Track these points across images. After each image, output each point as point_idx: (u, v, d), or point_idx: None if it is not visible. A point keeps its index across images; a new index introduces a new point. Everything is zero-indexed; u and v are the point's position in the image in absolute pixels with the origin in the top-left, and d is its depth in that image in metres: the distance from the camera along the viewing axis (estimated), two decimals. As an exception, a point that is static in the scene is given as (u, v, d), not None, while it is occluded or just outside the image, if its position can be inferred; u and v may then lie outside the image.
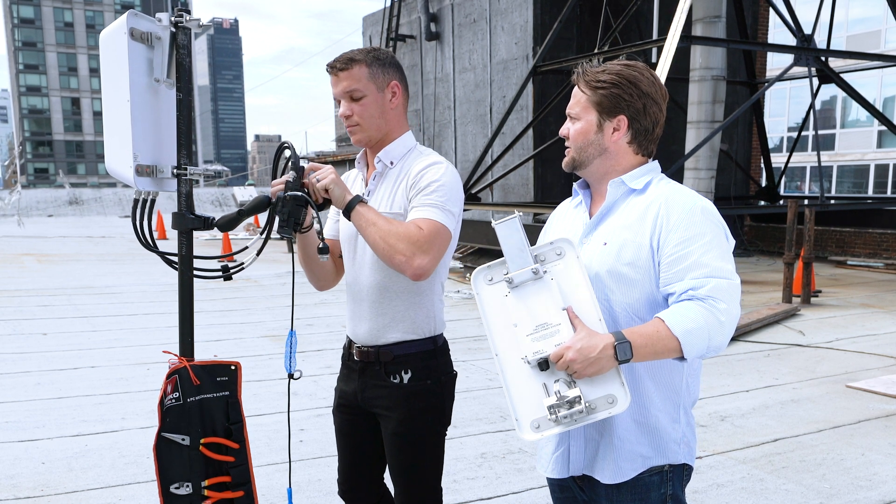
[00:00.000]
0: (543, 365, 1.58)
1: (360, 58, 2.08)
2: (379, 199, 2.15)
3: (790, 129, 31.73)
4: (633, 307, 1.66)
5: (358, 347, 2.23)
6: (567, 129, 1.79)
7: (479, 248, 14.27)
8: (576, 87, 1.77)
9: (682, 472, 1.76)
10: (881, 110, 24.03)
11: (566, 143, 1.80)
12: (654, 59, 13.74)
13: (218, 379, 2.05)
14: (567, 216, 1.88)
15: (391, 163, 2.15)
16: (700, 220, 1.63)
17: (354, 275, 2.21)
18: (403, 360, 2.16)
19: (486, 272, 1.71)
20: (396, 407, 2.16)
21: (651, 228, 1.65)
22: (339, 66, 2.09)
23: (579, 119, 1.75)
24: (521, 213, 1.74)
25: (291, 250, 2.14)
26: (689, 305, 1.55)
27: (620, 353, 1.51)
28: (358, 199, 1.99)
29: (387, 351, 2.16)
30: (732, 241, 1.69)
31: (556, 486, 1.89)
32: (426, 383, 2.18)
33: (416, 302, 2.16)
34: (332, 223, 2.32)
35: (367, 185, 2.21)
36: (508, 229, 1.68)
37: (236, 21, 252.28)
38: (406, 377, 2.15)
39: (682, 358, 1.55)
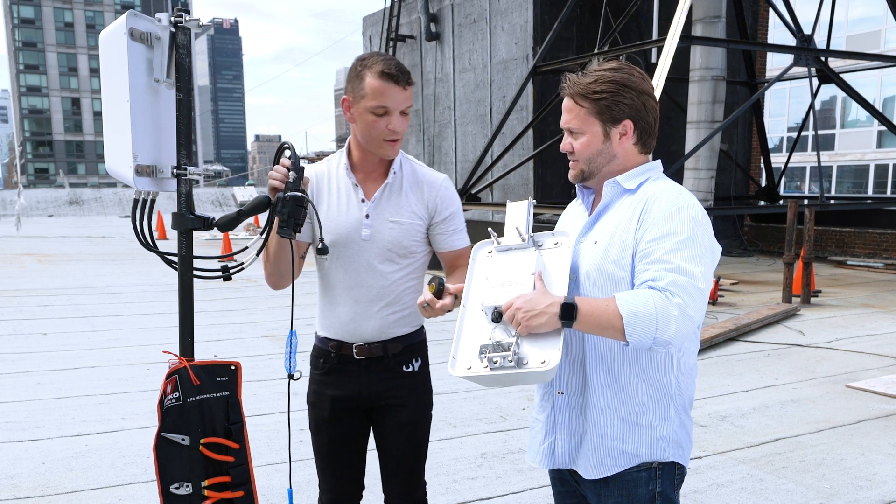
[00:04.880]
0: (496, 317, 1.61)
1: None
2: (390, 208, 2.19)
3: (790, 129, 31.74)
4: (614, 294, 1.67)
5: (359, 346, 2.22)
6: (570, 143, 1.76)
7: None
8: (567, 100, 1.74)
9: (672, 472, 1.75)
10: (881, 110, 24.03)
11: (570, 156, 1.78)
12: (654, 59, 13.74)
13: (218, 379, 2.04)
14: (572, 216, 1.90)
15: (395, 172, 2.21)
16: (678, 219, 1.61)
17: (356, 277, 2.19)
18: (411, 349, 2.26)
19: (486, 244, 1.81)
20: (411, 395, 2.25)
21: (635, 226, 1.65)
22: (409, 80, 2.11)
23: (582, 133, 1.73)
24: (534, 202, 1.82)
25: (292, 249, 2.14)
26: (644, 292, 1.54)
27: (564, 312, 1.52)
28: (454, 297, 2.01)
29: (395, 344, 2.23)
30: (717, 252, 1.66)
31: (557, 479, 1.92)
32: (427, 370, 2.33)
33: (418, 296, 2.22)
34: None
35: (367, 194, 2.19)
36: (517, 209, 1.78)
37: (236, 21, 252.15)
38: (417, 365, 2.26)
39: (626, 342, 1.53)
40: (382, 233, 2.17)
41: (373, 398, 2.24)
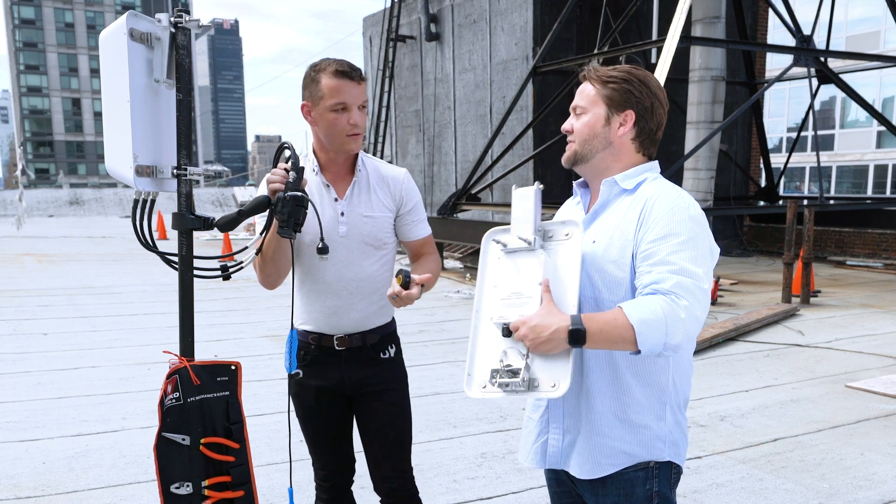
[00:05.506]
0: (506, 332, 1.61)
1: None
2: (363, 204, 2.29)
3: (790, 130, 31.74)
4: (620, 303, 1.66)
5: (339, 337, 2.30)
6: (571, 123, 1.80)
7: (479, 248, 14.26)
8: (584, 84, 1.79)
9: (669, 471, 1.76)
10: (880, 111, 24.04)
11: (568, 138, 1.80)
12: (653, 60, 13.74)
13: (218, 379, 2.05)
14: (569, 214, 1.90)
15: (360, 169, 2.32)
16: (679, 220, 1.63)
17: (336, 273, 2.27)
18: (387, 338, 2.37)
19: (497, 234, 1.77)
20: (392, 379, 2.37)
21: (635, 226, 1.66)
22: (360, 76, 2.20)
23: (586, 112, 1.77)
24: (541, 187, 1.77)
25: (292, 249, 2.14)
26: (650, 298, 1.55)
27: (572, 338, 1.53)
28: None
29: (372, 334, 2.33)
30: (716, 252, 1.68)
31: (553, 480, 1.92)
32: (401, 355, 2.46)
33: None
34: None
35: (339, 193, 2.29)
36: (522, 196, 1.73)
37: (236, 22, 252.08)
38: (392, 351, 2.38)
39: (637, 351, 1.54)
40: (358, 227, 2.27)
41: (355, 386, 2.33)
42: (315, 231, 2.21)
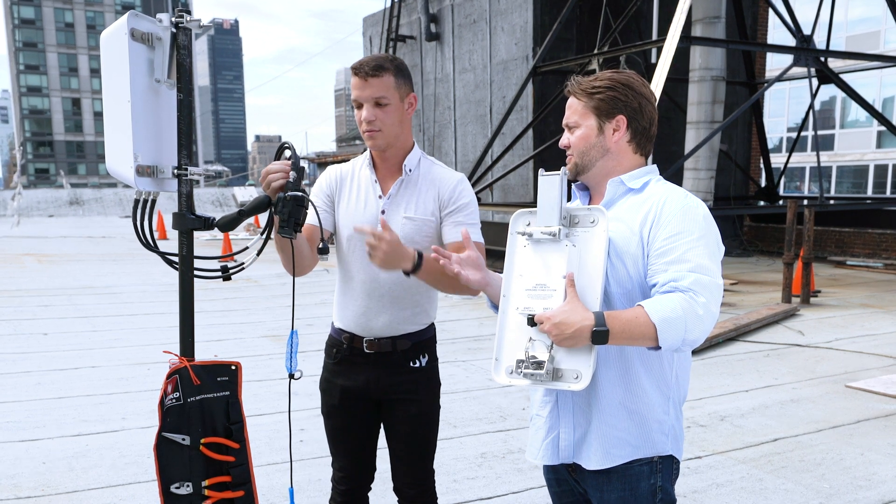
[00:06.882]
0: (531, 321, 1.64)
1: (388, 66, 2.17)
2: (404, 204, 2.25)
3: (790, 130, 31.73)
4: (627, 296, 1.71)
5: (369, 340, 2.29)
6: (567, 138, 1.84)
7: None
8: (570, 99, 1.84)
9: (670, 465, 1.80)
10: (880, 111, 24.05)
11: (567, 153, 1.85)
12: (653, 60, 13.75)
13: (218, 379, 2.05)
14: None
15: (410, 170, 2.27)
16: (691, 218, 1.67)
17: (371, 272, 2.24)
18: (420, 346, 2.31)
19: (525, 217, 1.78)
20: (420, 389, 2.32)
21: (642, 221, 1.70)
22: (368, 72, 2.15)
23: (579, 126, 1.81)
24: (567, 173, 1.78)
25: (292, 250, 2.13)
26: (670, 296, 1.58)
27: (595, 338, 1.56)
28: (420, 256, 2.07)
29: (403, 340, 2.29)
30: (722, 249, 1.72)
31: (553, 479, 1.94)
32: (435, 364, 2.39)
33: (431, 294, 2.33)
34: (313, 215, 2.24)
35: (383, 189, 2.27)
36: (548, 184, 1.73)
37: (236, 21, 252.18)
38: (424, 361, 2.32)
39: (657, 347, 1.57)
40: (395, 229, 2.20)
41: (381, 391, 2.31)
42: (353, 226, 2.21)
